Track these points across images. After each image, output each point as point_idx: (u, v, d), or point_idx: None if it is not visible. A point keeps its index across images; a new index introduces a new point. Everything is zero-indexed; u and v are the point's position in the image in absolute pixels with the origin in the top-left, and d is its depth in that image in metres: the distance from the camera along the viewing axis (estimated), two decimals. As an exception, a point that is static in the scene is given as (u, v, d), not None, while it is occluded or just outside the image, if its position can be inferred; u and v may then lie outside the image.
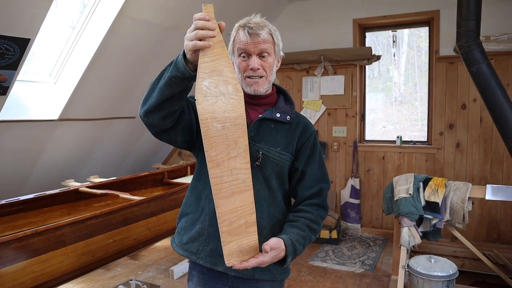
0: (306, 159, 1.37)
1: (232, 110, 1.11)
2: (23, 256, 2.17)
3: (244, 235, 1.15)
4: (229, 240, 1.13)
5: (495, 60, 3.72)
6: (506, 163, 3.95)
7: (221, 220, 1.12)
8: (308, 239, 1.30)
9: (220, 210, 1.11)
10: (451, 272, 2.65)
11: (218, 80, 1.09)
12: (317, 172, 1.38)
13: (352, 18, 4.55)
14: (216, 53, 1.08)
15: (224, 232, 1.12)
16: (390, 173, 4.47)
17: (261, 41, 1.26)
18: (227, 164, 1.11)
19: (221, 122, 1.10)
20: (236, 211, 1.13)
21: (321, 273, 3.53)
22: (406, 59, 5.12)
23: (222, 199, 1.11)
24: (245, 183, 1.14)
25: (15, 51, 2.72)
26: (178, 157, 5.60)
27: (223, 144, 1.10)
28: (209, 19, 1.07)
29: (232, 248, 1.13)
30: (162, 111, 1.17)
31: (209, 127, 1.09)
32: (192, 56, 1.08)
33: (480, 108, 4.01)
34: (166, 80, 1.12)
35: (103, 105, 3.92)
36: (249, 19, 1.29)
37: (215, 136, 1.09)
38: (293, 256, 1.21)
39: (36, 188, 3.74)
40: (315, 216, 1.33)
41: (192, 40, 1.06)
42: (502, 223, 4.02)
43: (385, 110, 5.01)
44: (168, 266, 3.51)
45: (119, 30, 3.29)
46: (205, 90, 1.08)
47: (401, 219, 2.97)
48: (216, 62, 1.08)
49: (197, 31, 1.06)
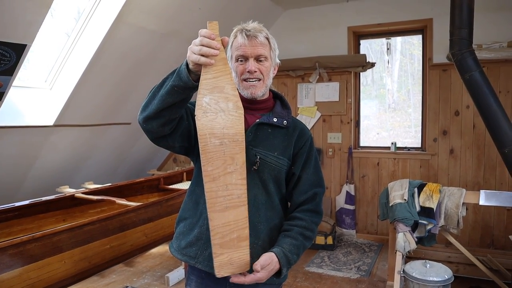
0: (303, 164, 1.39)
1: (231, 127, 1.13)
2: (19, 263, 2.15)
3: (235, 249, 1.17)
4: (220, 252, 1.15)
5: (487, 67, 3.79)
6: (499, 169, 4.00)
7: (213, 233, 1.14)
8: (302, 247, 1.32)
9: (213, 223, 1.14)
10: (446, 277, 2.67)
11: (219, 97, 1.11)
12: (312, 177, 1.40)
13: (347, 25, 4.60)
14: (218, 70, 1.11)
15: (216, 245, 1.14)
16: (385, 179, 4.50)
17: (258, 44, 1.29)
18: (223, 179, 1.13)
19: (220, 138, 1.12)
20: (229, 225, 1.15)
21: (317, 279, 3.54)
22: (399, 67, 5.18)
23: (216, 212, 1.13)
24: (239, 199, 1.16)
25: (11, 57, 2.72)
26: (173, 163, 5.59)
27: (220, 160, 1.13)
28: (214, 37, 1.09)
29: (223, 260, 1.16)
30: (161, 118, 1.18)
31: (207, 142, 1.11)
32: (194, 67, 1.11)
33: (473, 114, 4.07)
34: (168, 89, 1.14)
35: (99, 111, 3.92)
36: (247, 24, 1.32)
37: (213, 152, 1.12)
38: (288, 266, 1.25)
39: (31, 195, 3.71)
40: (309, 223, 1.35)
41: (196, 54, 1.08)
42: (496, 228, 4.06)
43: (379, 116, 5.06)
44: (164, 273, 3.49)
45: (116, 36, 3.30)
46: (205, 106, 1.10)
47: (396, 225, 2.99)
48: (218, 79, 1.10)
49: (201, 47, 1.08)
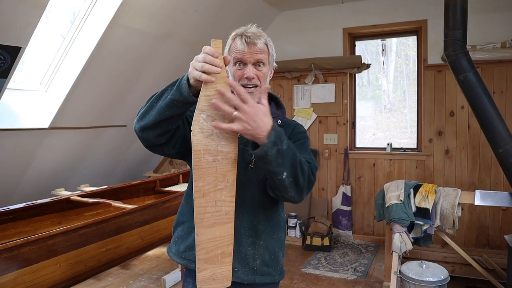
0: (298, 146, 1.36)
1: (226, 145, 1.14)
2: (14, 266, 2.13)
3: (219, 265, 1.18)
4: (204, 267, 1.16)
5: (481, 68, 3.82)
6: (494, 169, 4.02)
7: (199, 248, 1.15)
8: (299, 161, 1.16)
9: (200, 239, 1.15)
10: (443, 277, 2.68)
11: (216, 115, 1.11)
12: (307, 157, 1.35)
13: (342, 27, 4.62)
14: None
15: (200, 260, 1.16)
16: (381, 180, 4.51)
17: (257, 51, 1.29)
18: (212, 195, 1.14)
19: (213, 155, 1.13)
20: (215, 241, 1.17)
21: (313, 280, 3.54)
22: (395, 68, 5.21)
23: (203, 228, 1.15)
24: (227, 216, 1.17)
25: (6, 60, 2.71)
26: (170, 166, 5.58)
27: (211, 176, 1.14)
28: (217, 56, 1.10)
29: (206, 275, 1.17)
30: (158, 129, 1.20)
31: (201, 158, 1.12)
32: (195, 83, 1.11)
33: (468, 115, 4.09)
34: (168, 102, 1.15)
35: (94, 113, 3.90)
36: (246, 29, 1.31)
37: (205, 168, 1.13)
38: (275, 141, 1.08)
39: (26, 197, 3.70)
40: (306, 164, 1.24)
41: (198, 71, 1.09)
42: (491, 228, 4.08)
43: (375, 117, 5.08)
44: (160, 275, 3.48)
45: (111, 38, 3.30)
46: (202, 122, 1.11)
47: (393, 226, 3.00)
48: (217, 96, 1.11)
49: (203, 64, 1.08)
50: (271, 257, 1.36)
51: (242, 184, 1.31)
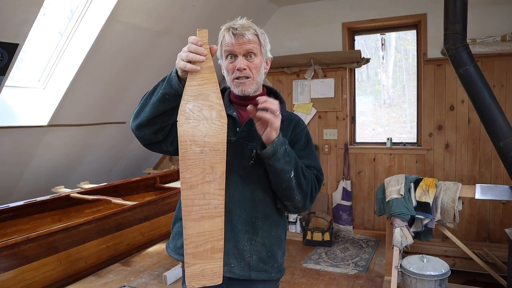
0: (302, 148, 1.37)
1: (213, 136, 1.12)
2: (14, 264, 2.13)
3: (209, 260, 1.15)
4: (192, 262, 1.14)
5: (481, 62, 3.80)
6: (494, 163, 4.02)
7: (187, 242, 1.13)
8: (300, 164, 1.26)
9: (187, 232, 1.13)
10: (443, 271, 2.68)
11: (202, 104, 1.10)
12: (314, 163, 1.37)
13: (341, 21, 4.60)
14: (204, 77, 1.11)
15: (188, 254, 1.13)
16: (381, 175, 4.51)
17: (246, 42, 1.28)
18: (200, 187, 1.12)
19: (200, 146, 1.11)
20: (204, 235, 1.14)
21: (314, 275, 3.54)
22: (394, 62, 5.18)
23: (191, 221, 1.12)
24: (217, 209, 1.14)
25: (3, 57, 2.69)
26: (169, 162, 5.57)
27: (199, 168, 1.12)
28: (201, 44, 1.10)
29: (195, 271, 1.14)
30: (154, 125, 1.20)
31: (187, 149, 1.10)
32: (183, 74, 1.12)
33: (468, 109, 4.08)
34: (159, 97, 1.15)
35: (93, 110, 3.89)
36: (235, 22, 1.31)
37: (192, 159, 1.11)
38: (282, 140, 1.19)
39: (26, 195, 3.69)
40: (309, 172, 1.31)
41: (183, 61, 1.09)
42: (491, 222, 4.08)
43: (374, 112, 5.06)
44: (161, 272, 3.48)
45: (109, 34, 3.28)
46: (188, 112, 1.10)
47: (393, 220, 2.99)
48: (203, 86, 1.10)
49: (188, 54, 1.09)
50: (268, 254, 1.34)
51: (242, 180, 1.30)
